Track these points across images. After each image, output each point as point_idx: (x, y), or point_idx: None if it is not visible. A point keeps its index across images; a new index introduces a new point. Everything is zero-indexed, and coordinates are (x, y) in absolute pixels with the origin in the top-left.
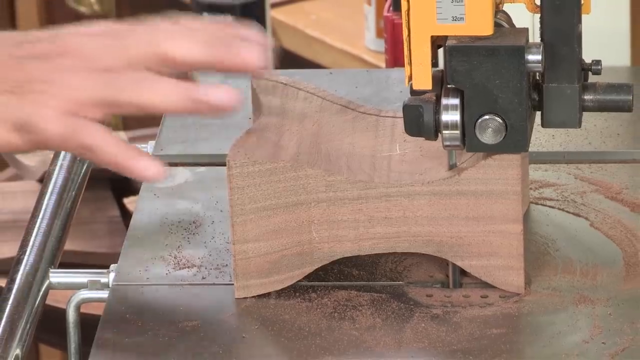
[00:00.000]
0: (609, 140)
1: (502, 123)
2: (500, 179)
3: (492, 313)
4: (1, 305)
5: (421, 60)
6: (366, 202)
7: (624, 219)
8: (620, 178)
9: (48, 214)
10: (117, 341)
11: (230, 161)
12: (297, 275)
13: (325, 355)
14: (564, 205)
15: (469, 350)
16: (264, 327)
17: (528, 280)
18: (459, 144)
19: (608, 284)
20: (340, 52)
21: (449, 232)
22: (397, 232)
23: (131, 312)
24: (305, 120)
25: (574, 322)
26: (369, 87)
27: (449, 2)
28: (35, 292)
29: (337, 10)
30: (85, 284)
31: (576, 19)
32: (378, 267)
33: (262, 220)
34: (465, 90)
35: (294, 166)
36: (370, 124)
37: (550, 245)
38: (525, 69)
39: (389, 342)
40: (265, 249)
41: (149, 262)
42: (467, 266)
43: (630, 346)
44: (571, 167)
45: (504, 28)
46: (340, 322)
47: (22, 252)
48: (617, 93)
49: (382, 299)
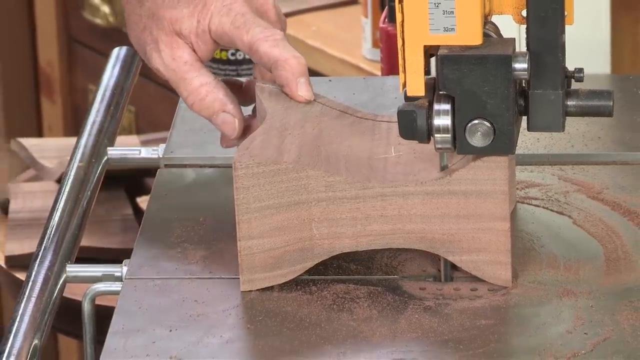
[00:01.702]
0: (590, 143)
1: (491, 127)
2: (489, 179)
3: (481, 305)
4: (21, 298)
5: (415, 69)
6: (363, 201)
7: (605, 217)
8: (601, 179)
9: (65, 213)
10: (129, 331)
11: (237, 163)
12: (298, 269)
13: (324, 344)
14: (549, 204)
15: (459, 340)
16: (268, 318)
17: (515, 274)
18: (450, 146)
19: (590, 278)
20: (339, 61)
21: (441, 229)
22: (392, 230)
23: (143, 304)
24: (307, 125)
25: (558, 314)
26: (366, 93)
27: (441, 14)
28: (53, 285)
29: (336, 22)
30: (100, 277)
31: (560, 29)
32: (374, 262)
33: (266, 218)
34: (456, 97)
35: (295, 168)
36: (367, 128)
37: (536, 242)
38: (512, 77)
39: (384, 333)
40: (269, 245)
41: (159, 257)
42: (458, 261)
43: (610, 336)
44: (555, 168)
45: (492, 38)
46: (339, 313)
47: (41, 248)
48: (598, 99)
49: (378, 292)
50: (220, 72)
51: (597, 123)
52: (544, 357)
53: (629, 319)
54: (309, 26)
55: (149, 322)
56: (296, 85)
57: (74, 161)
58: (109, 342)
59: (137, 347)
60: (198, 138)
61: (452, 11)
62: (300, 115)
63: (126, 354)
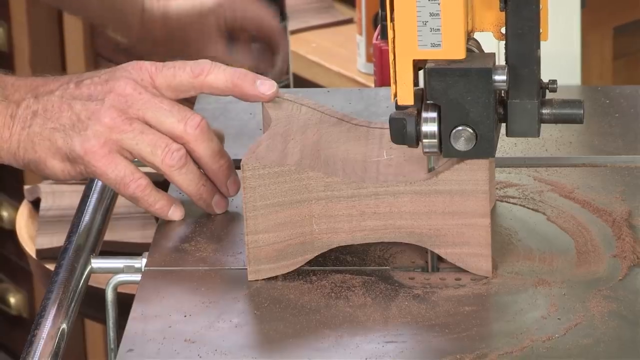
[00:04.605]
0: (562, 147)
1: (473, 133)
2: (471, 180)
3: (464, 293)
4: (51, 287)
5: (405, 80)
6: (358, 199)
7: (576, 214)
8: (572, 179)
9: (90, 210)
10: (148, 316)
11: (244, 165)
12: (300, 261)
13: (323, 328)
14: (525, 202)
15: (445, 325)
16: (272, 305)
17: (495, 265)
18: (437, 150)
19: (562, 269)
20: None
21: (428, 225)
22: (384, 225)
23: (160, 292)
24: (307, 131)
25: (533, 301)
26: (361, 103)
27: (428, 31)
28: (79, 276)
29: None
30: (122, 268)
31: (535, 45)
32: (368, 254)
33: (271, 214)
34: (442, 105)
35: (297, 169)
36: (362, 134)
37: (514, 236)
38: (493, 88)
39: (377, 318)
40: (274, 239)
41: (175, 250)
42: (444, 253)
43: (582, 322)
44: (531, 170)
45: (474, 53)
46: (336, 300)
47: (69, 242)
48: (570, 108)
49: (371, 281)
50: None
51: (568, 129)
52: (521, 340)
53: (598, 306)
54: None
55: (165, 308)
56: (257, 89)
57: None
58: (130, 327)
59: (155, 331)
60: None
61: (439, 29)
62: (301, 122)
63: (145, 337)
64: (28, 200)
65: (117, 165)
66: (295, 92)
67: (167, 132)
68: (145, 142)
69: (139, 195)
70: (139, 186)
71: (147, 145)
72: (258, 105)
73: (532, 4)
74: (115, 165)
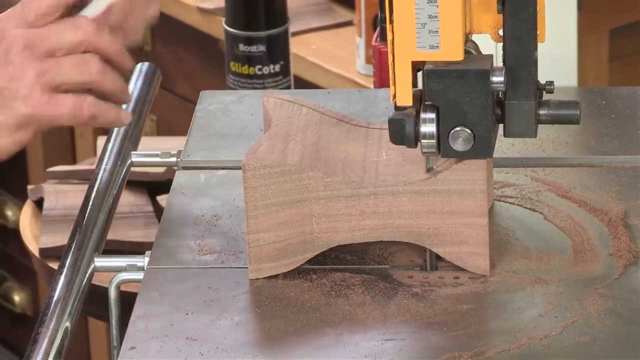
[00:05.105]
0: (559, 148)
1: (471, 134)
2: (469, 180)
3: (462, 292)
4: (54, 286)
5: (403, 82)
6: (358, 199)
7: (573, 213)
8: (569, 179)
9: (94, 210)
10: (150, 314)
11: (245, 165)
12: (300, 260)
13: (323, 326)
14: (522, 202)
15: (443, 323)
16: (273, 303)
17: (492, 264)
18: (435, 151)
19: (559, 267)
20: (336, 76)
21: (427, 224)
22: (383, 224)
23: (162, 291)
24: (307, 132)
25: (531, 300)
26: (360, 104)
27: (427, 33)
28: (82, 274)
29: (333, 41)
30: (125, 267)
31: (533, 47)
32: (367, 253)
33: (271, 214)
34: (440, 106)
35: (298, 169)
36: (361, 135)
37: (511, 235)
38: (490, 89)
39: (376, 316)
40: (274, 238)
41: (177, 249)
42: (442, 252)
43: (578, 320)
44: (528, 170)
45: (472, 54)
46: (336, 299)
47: (72, 241)
48: (566, 109)
49: (371, 280)
50: (248, 86)
51: (565, 130)
52: (518, 337)
53: (595, 304)
54: (309, 45)
55: (167, 306)
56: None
57: (102, 164)
58: (133, 324)
59: (157, 328)
60: (212, 143)
61: (437, 31)
62: (302, 123)
63: (147, 334)
64: (32, 199)
65: (63, 101)
66: (296, 93)
67: (73, 47)
68: (68, 69)
69: (95, 111)
70: (90, 102)
71: (70, 69)
72: (259, 106)
73: (529, 6)
74: (61, 102)
